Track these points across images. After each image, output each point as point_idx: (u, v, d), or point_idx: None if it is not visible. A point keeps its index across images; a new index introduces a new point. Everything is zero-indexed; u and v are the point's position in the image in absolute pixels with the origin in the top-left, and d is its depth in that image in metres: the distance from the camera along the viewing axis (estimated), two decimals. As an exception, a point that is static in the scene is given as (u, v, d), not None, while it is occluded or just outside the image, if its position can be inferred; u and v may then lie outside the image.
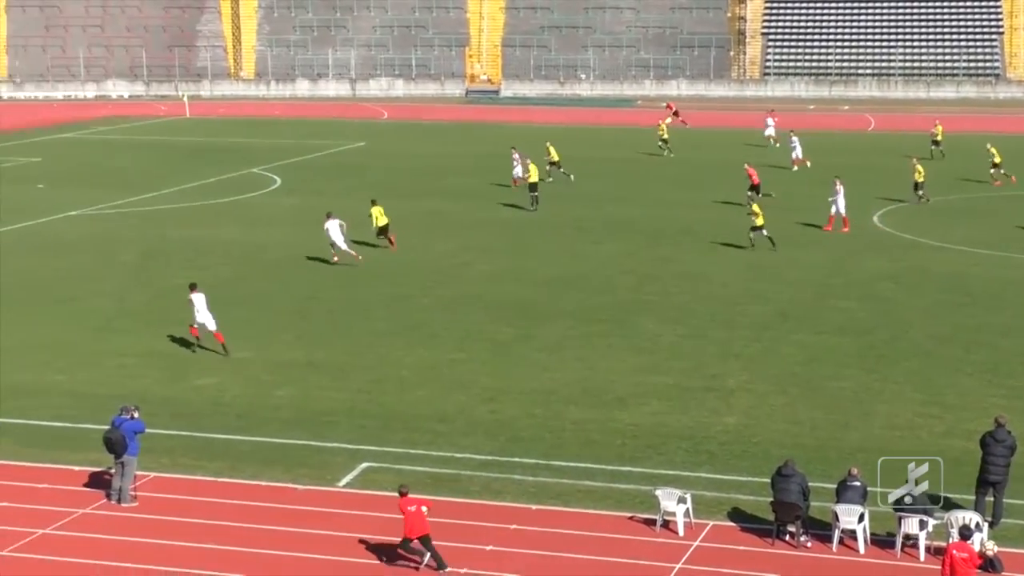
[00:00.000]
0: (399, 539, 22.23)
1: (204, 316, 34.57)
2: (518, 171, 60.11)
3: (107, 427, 24.71)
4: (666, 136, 72.97)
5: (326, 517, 23.96)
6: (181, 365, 33.26)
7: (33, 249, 47.72)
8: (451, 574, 21.92)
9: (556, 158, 62.76)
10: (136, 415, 24.81)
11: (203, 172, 66.49)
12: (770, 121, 75.07)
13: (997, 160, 60.94)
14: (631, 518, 23.94)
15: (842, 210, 49.65)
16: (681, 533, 23.24)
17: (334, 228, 44.34)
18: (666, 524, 23.44)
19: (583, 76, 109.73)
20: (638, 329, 36.59)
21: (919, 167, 56.08)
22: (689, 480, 25.34)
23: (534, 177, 55.36)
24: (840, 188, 49.75)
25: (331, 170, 68.65)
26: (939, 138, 69.18)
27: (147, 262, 45.68)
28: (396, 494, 22.57)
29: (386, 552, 22.52)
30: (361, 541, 22.99)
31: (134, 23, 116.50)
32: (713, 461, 26.63)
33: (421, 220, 53.55)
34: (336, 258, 44.52)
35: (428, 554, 22.07)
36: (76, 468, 26.22)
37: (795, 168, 65.14)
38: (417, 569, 22.13)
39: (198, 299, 34.75)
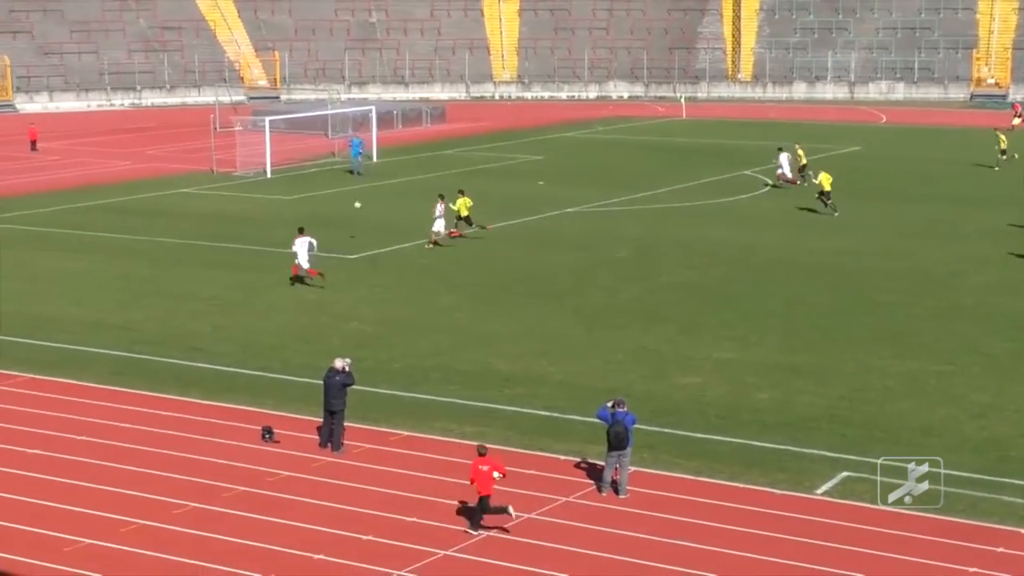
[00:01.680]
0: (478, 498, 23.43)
1: (302, 257, 41.31)
2: (784, 171, 61.46)
3: (593, 419, 25.43)
4: (1004, 146, 67.75)
5: (803, 524, 23.75)
6: (666, 363, 33.75)
7: (533, 243, 49.68)
8: (483, 537, 22.91)
9: (804, 161, 62.23)
10: (625, 408, 25.34)
11: (697, 173, 67.25)
12: None
13: None
14: None
15: None
16: None
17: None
18: None
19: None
20: None
21: None
22: None
23: (826, 184, 54.47)
24: None
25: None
26: None
27: (640, 259, 46.65)
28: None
29: (859, 563, 22.09)
30: (837, 551, 22.66)
31: (637, 25, 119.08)
32: None
33: (915, 226, 52.29)
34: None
35: (496, 513, 23.22)
36: (561, 457, 27.09)
37: None
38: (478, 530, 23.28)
39: (301, 242, 41.39)
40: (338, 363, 27.77)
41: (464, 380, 32.40)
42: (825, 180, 54.88)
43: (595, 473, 25.77)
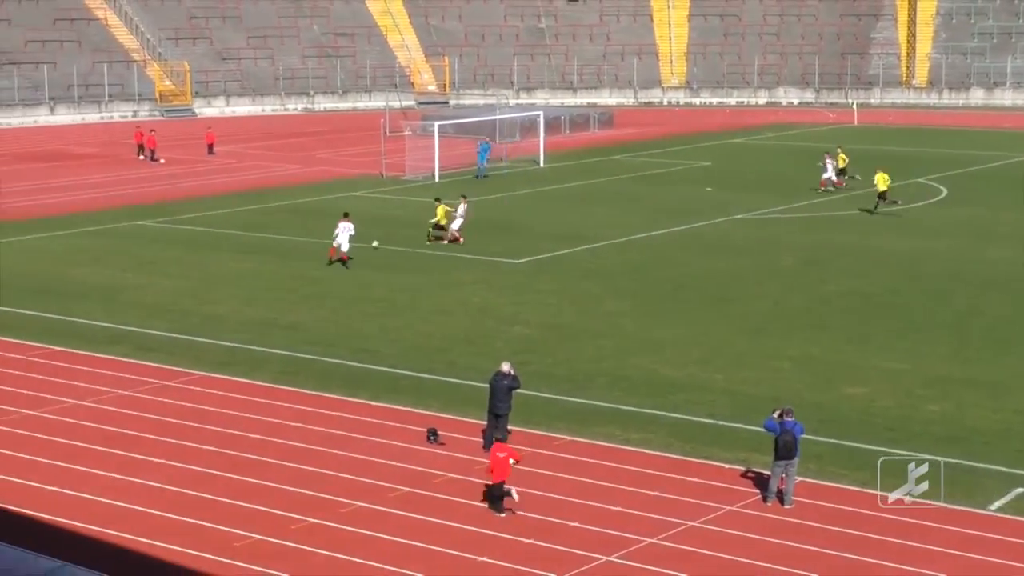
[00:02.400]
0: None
1: (342, 239, 45.32)
2: (829, 175, 62.47)
3: (758, 427, 25.18)
4: None
5: (974, 540, 23.20)
6: (833, 372, 33.27)
7: (699, 249, 49.40)
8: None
9: (844, 164, 63.58)
10: (792, 417, 25.02)
11: (867, 180, 66.05)
12: None
13: None
14: None
15: None
16: None
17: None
18: None
19: None
20: None
21: None
22: None
23: (883, 185, 55.32)
24: None
25: (1001, 182, 66.32)
26: None
27: (806, 267, 46.08)
28: None
29: (1035, 583, 21.53)
30: (1011, 568, 22.09)
31: (809, 30, 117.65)
32: None
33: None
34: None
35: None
36: (726, 466, 26.86)
37: None
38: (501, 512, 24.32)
39: (343, 226, 45.41)
40: (504, 367, 27.92)
41: (628, 386, 32.32)
42: (882, 180, 55.48)
43: (761, 482, 25.52)
